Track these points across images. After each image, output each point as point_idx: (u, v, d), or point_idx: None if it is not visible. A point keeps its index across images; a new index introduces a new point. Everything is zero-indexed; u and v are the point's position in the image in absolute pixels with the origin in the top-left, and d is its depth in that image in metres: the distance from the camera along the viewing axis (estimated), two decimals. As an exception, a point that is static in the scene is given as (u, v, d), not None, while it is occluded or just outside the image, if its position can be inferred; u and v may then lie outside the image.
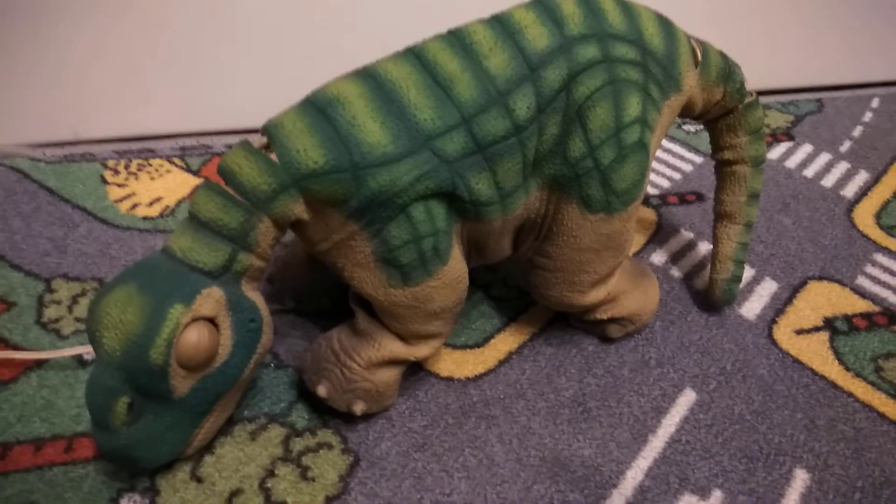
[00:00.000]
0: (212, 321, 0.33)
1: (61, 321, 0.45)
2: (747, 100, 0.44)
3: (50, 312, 0.46)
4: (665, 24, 0.39)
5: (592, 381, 0.44)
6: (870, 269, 0.53)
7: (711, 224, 0.55)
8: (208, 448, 0.39)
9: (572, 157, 0.37)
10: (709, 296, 0.48)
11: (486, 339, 0.46)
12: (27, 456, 0.38)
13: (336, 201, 0.34)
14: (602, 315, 0.44)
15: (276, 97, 0.63)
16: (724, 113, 0.44)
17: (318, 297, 0.46)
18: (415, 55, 0.36)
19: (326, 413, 0.41)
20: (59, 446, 0.38)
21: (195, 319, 0.32)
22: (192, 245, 0.33)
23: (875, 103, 0.73)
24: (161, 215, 0.53)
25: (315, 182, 0.33)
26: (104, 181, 0.56)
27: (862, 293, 0.51)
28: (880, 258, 0.54)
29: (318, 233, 0.36)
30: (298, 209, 0.34)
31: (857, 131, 0.69)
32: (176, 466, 0.38)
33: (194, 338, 0.32)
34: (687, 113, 0.43)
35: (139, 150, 0.60)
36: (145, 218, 0.53)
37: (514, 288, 0.49)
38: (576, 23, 0.36)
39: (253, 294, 0.35)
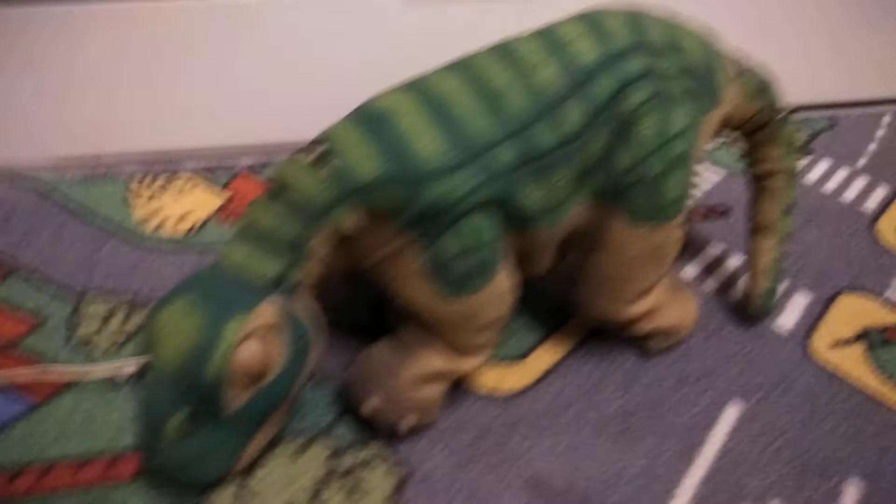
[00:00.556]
0: (267, 335, 0.32)
1: (94, 339, 0.44)
2: (782, 113, 0.44)
3: (82, 330, 0.45)
4: (705, 39, 0.40)
5: (635, 395, 0.43)
6: (898, 282, 0.53)
7: (742, 238, 0.56)
8: (256, 464, 0.38)
9: (620, 169, 0.37)
10: (747, 308, 0.48)
11: (525, 354, 0.46)
12: (67, 475, 0.37)
13: (390, 213, 0.34)
14: (643, 328, 0.44)
15: (301, 113, 0.63)
16: (760, 126, 0.45)
17: (355, 312, 0.46)
18: (462, 68, 0.36)
19: (372, 428, 0.40)
20: (99, 466, 0.37)
21: (251, 333, 0.32)
22: (248, 257, 0.33)
23: (886, 120, 0.74)
24: (190, 232, 0.53)
25: (372, 192, 0.33)
26: (128, 200, 0.56)
27: (893, 305, 0.51)
28: (907, 271, 0.54)
29: (368, 245, 0.35)
30: (352, 221, 0.34)
31: (872, 147, 0.70)
32: (225, 483, 0.37)
33: (250, 352, 0.31)
34: (725, 126, 0.43)
35: (163, 167, 0.59)
36: (173, 235, 0.52)
37: (550, 303, 0.49)
38: (621, 37, 0.36)
39: (305, 307, 0.35)
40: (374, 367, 0.39)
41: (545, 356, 0.45)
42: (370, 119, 0.34)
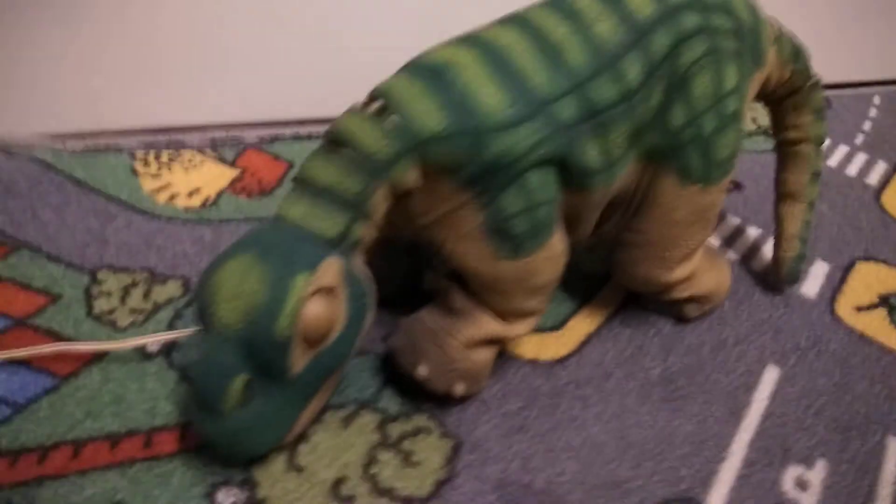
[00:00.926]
0: (330, 293, 0.31)
1: (115, 312, 0.42)
2: (812, 80, 0.45)
3: (101, 304, 0.42)
4: (750, 1, 0.40)
5: (676, 360, 0.43)
6: (909, 251, 0.55)
7: (756, 211, 0.56)
8: (302, 437, 0.36)
9: (674, 126, 0.37)
10: (775, 274, 0.48)
11: (563, 322, 0.45)
12: (103, 453, 0.35)
13: (452, 168, 0.33)
14: (681, 294, 0.43)
15: (307, 88, 0.61)
16: (791, 92, 0.45)
17: (388, 285, 0.44)
18: (519, 22, 0.35)
19: (418, 397, 0.39)
20: (136, 442, 0.35)
21: (317, 290, 0.30)
22: (309, 213, 0.31)
23: (877, 100, 0.76)
24: (203, 205, 0.51)
25: (435, 147, 0.32)
26: (135, 172, 0.53)
27: (908, 272, 0.52)
28: (916, 240, 0.56)
29: (424, 204, 0.34)
30: (413, 176, 0.33)
31: (867, 126, 0.71)
32: (271, 457, 0.35)
33: (318, 309, 0.30)
34: (763, 88, 0.43)
35: (167, 141, 0.57)
36: (187, 209, 0.50)
37: (585, 271, 0.48)
38: (676, -8, 0.36)
39: (361, 267, 0.34)
40: (423, 333, 0.37)
41: (583, 325, 0.45)
42: (430, 72, 0.33)
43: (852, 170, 0.64)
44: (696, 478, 0.37)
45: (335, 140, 0.32)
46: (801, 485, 0.37)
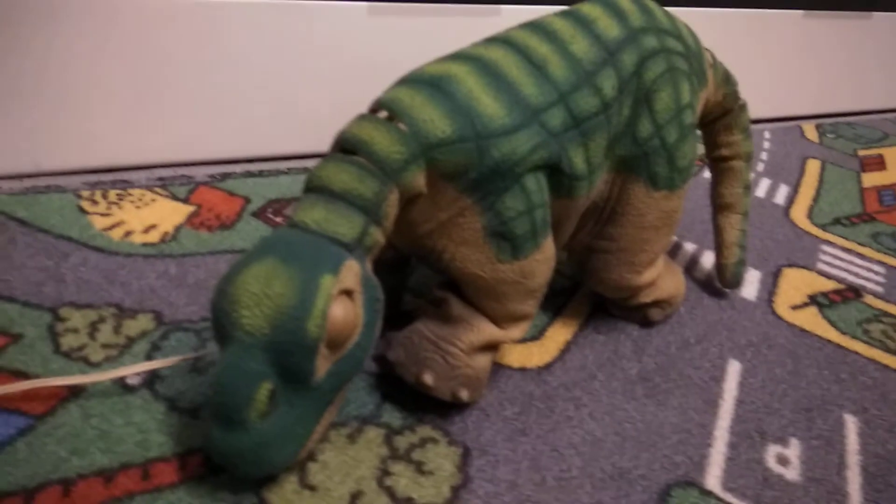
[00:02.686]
0: (350, 296, 0.31)
1: (86, 349, 0.39)
2: (740, 101, 0.50)
3: (69, 341, 0.40)
4: (690, 29, 0.45)
5: (649, 360, 0.46)
6: (822, 258, 0.61)
7: (689, 227, 0.61)
8: (309, 456, 0.35)
9: (641, 137, 0.40)
10: (720, 280, 0.52)
11: (541, 332, 0.47)
12: (97, 489, 0.32)
13: (456, 173, 0.34)
14: (647, 298, 0.46)
15: (254, 127, 0.61)
16: (723, 113, 0.50)
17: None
18: (502, 41, 0.38)
19: (418, 410, 0.39)
20: (133, 475, 0.33)
21: (341, 292, 0.30)
22: (327, 217, 0.31)
23: (767, 135, 0.85)
24: (163, 240, 0.49)
25: (442, 152, 0.33)
26: (83, 211, 0.51)
27: (826, 275, 0.58)
28: (826, 248, 0.62)
29: (426, 212, 0.35)
30: (420, 182, 0.34)
31: (764, 156, 0.80)
32: (281, 478, 0.34)
33: (342, 311, 0.30)
34: (701, 111, 0.48)
35: (112, 181, 0.55)
36: (145, 244, 0.48)
37: (555, 283, 0.50)
38: (635, 17, 0.40)
39: (371, 272, 0.34)
40: (424, 343, 0.38)
41: (560, 334, 0.47)
42: (430, 83, 0.34)
43: (761, 192, 0.71)
44: (690, 463, 0.39)
45: (347, 146, 0.33)
46: (783, 461, 0.40)
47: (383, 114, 0.34)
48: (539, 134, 0.35)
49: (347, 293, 0.31)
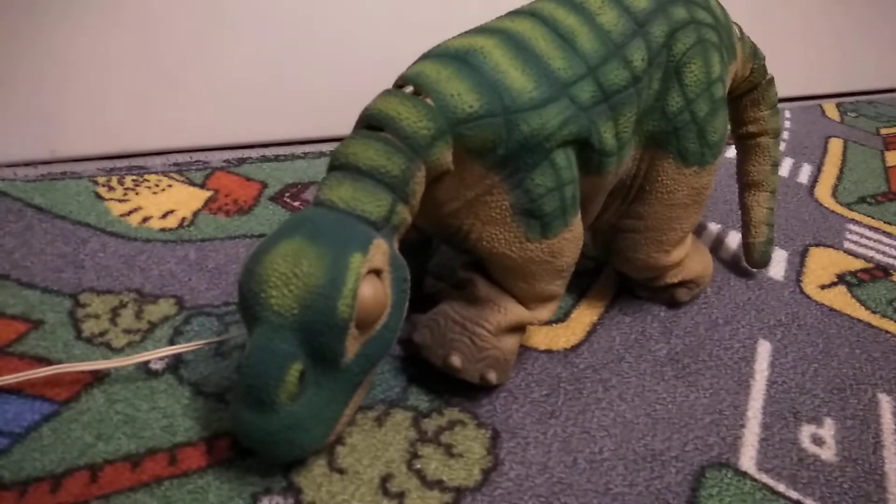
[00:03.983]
0: (379, 275, 0.30)
1: (108, 334, 0.39)
2: (768, 76, 0.49)
3: (90, 326, 0.39)
4: (720, 1, 0.43)
5: (678, 341, 0.45)
6: (849, 237, 0.60)
7: (713, 207, 0.60)
8: (338, 440, 0.35)
9: (671, 111, 0.39)
10: (747, 259, 0.51)
11: (567, 314, 0.46)
12: (125, 474, 0.32)
13: (483, 150, 0.33)
14: (674, 278, 0.45)
15: (270, 111, 0.60)
16: (751, 88, 0.49)
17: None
18: (529, 14, 0.37)
19: (445, 393, 0.38)
20: (160, 460, 0.33)
21: (370, 271, 0.29)
22: (354, 195, 0.31)
23: (787, 114, 0.84)
24: (181, 226, 0.48)
25: (469, 127, 0.32)
26: (100, 197, 0.50)
27: (854, 254, 0.57)
28: (852, 227, 0.61)
29: (452, 190, 0.35)
30: (448, 158, 0.33)
31: (786, 135, 0.78)
32: (310, 462, 0.33)
33: (371, 290, 0.29)
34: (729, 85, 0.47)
35: (128, 167, 0.54)
36: (164, 229, 0.48)
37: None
38: (664, -12, 0.39)
39: (398, 252, 0.33)
40: (451, 325, 0.37)
41: (585, 315, 0.46)
42: (456, 57, 0.33)
43: (784, 171, 0.70)
44: (724, 444, 0.38)
45: (373, 122, 0.32)
46: (817, 441, 0.39)
47: (409, 89, 0.33)
48: (569, 108, 0.34)
49: (376, 272, 0.30)
